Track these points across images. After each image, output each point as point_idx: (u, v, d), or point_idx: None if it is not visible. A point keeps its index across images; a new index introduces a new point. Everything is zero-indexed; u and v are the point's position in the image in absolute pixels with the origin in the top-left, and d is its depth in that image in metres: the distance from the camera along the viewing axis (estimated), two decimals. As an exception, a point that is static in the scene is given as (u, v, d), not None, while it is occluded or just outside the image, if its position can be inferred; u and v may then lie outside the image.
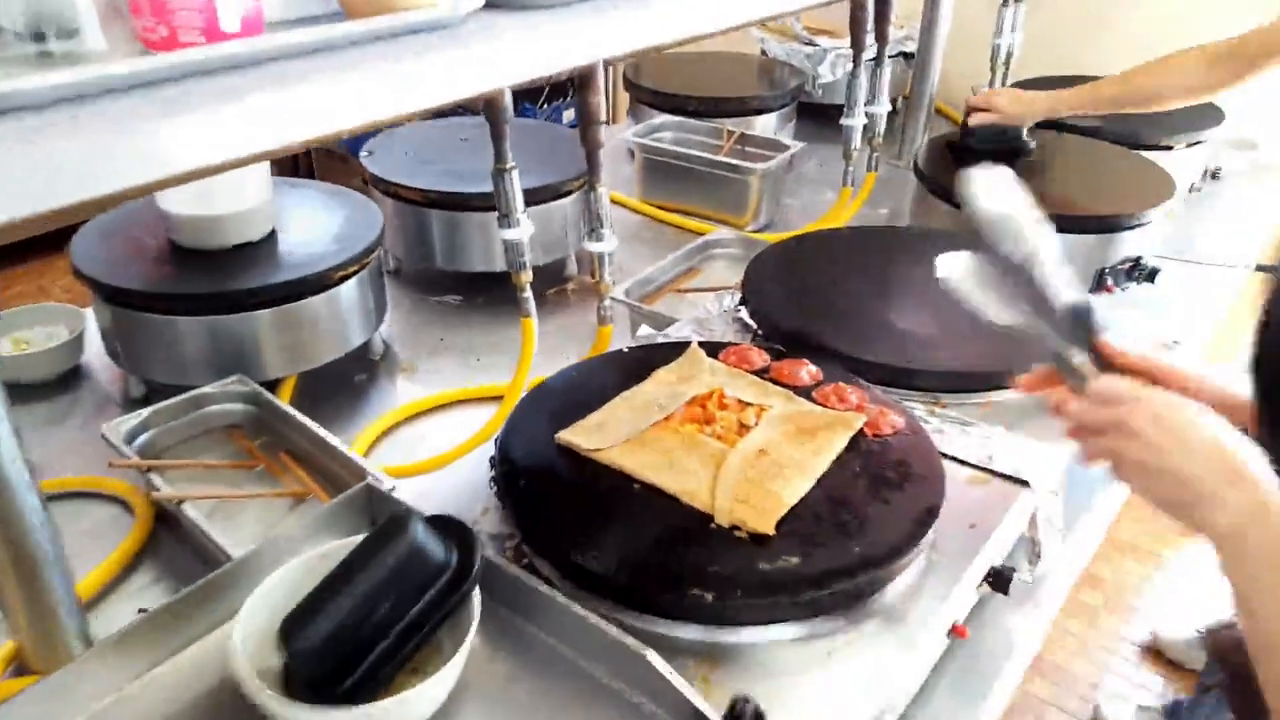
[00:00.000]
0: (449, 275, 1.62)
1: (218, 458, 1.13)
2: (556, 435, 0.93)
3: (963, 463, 0.99)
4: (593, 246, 1.20)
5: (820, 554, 0.81)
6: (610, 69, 2.59)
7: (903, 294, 1.32)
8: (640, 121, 2.05)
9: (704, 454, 0.91)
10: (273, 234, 1.32)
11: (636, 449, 0.91)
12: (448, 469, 1.10)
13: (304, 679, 0.69)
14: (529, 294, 1.20)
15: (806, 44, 2.35)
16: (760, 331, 1.23)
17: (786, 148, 1.85)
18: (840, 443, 0.94)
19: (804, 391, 1.04)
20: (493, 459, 0.93)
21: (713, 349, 1.11)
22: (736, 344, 1.14)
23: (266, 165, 1.31)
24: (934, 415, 1.08)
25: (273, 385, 1.25)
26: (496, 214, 1.16)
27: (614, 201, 1.88)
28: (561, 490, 0.89)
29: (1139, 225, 1.56)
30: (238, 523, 1.03)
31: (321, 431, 1.09)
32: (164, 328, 1.19)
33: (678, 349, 1.10)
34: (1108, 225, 1.55)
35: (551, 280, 1.64)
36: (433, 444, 1.24)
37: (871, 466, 0.92)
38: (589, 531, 0.83)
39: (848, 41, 1.60)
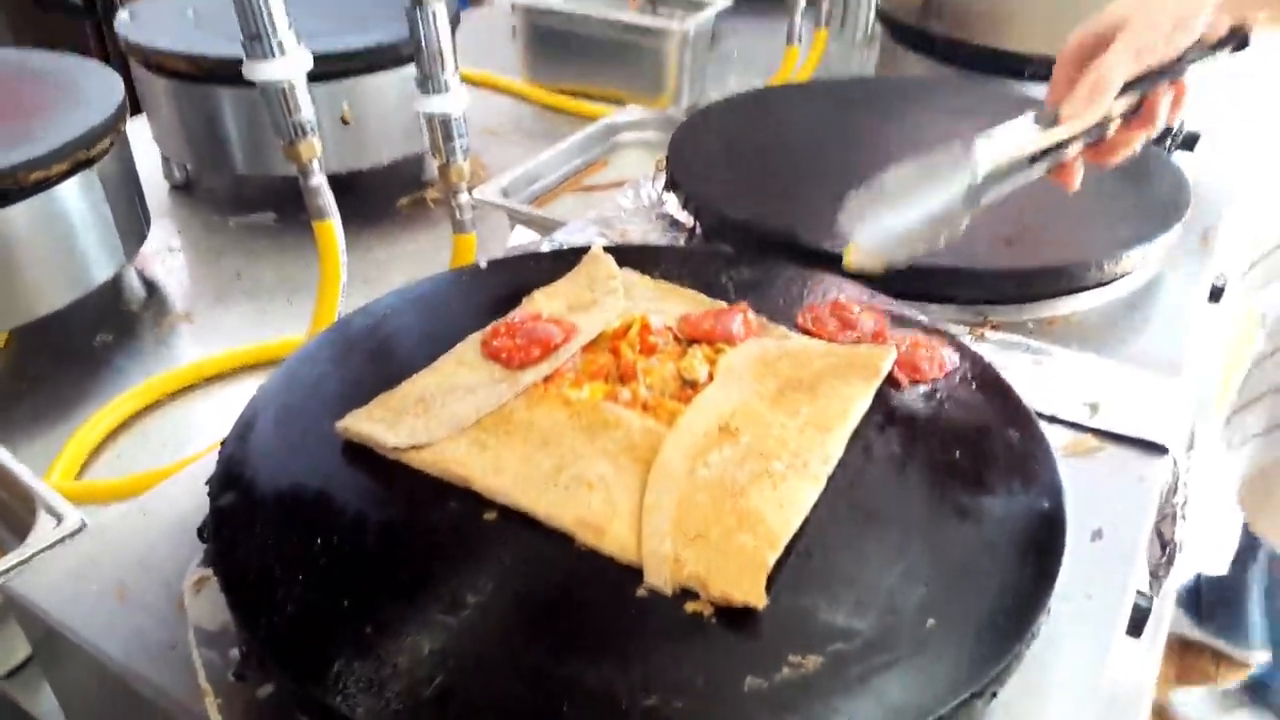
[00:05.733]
0: (257, 185, 1.16)
1: None
2: (338, 425, 0.50)
3: (1064, 423, 0.59)
4: (427, 105, 0.75)
5: (865, 651, 0.40)
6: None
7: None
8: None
9: (618, 443, 0.48)
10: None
11: (488, 441, 0.49)
12: (182, 483, 0.64)
13: None
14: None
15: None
16: (698, 228, 0.80)
17: (709, 3, 1.42)
18: (862, 401, 0.53)
19: (779, 314, 0.62)
20: (211, 480, 0.49)
21: (628, 258, 0.68)
22: (663, 245, 0.71)
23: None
24: (983, 340, 0.68)
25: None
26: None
27: (495, 87, 1.43)
28: (335, 540, 0.45)
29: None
30: None
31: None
32: None
33: (567, 260, 0.67)
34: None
35: (403, 187, 1.18)
36: (209, 432, 0.81)
37: (923, 444, 0.51)
38: (388, 629, 0.40)
39: None
